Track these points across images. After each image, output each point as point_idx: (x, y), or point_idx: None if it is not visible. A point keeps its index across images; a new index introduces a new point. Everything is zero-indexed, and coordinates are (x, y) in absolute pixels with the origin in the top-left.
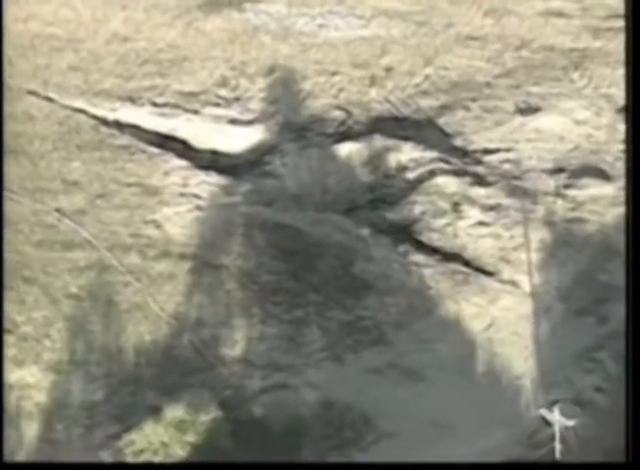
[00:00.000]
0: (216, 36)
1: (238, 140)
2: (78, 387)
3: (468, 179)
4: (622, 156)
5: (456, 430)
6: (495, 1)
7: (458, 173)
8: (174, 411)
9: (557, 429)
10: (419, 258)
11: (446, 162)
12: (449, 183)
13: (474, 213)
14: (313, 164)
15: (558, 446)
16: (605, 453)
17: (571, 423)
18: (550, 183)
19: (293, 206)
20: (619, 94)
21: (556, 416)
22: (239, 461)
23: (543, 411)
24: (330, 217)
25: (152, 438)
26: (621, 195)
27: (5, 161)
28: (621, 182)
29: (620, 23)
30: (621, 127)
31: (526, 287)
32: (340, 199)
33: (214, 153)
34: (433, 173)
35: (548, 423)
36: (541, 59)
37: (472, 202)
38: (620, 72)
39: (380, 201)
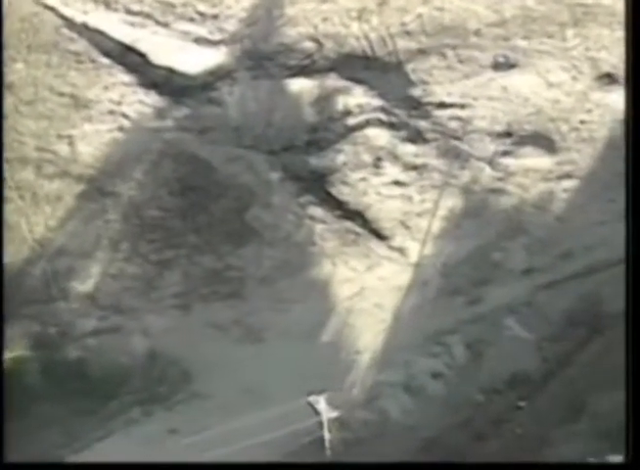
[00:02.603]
0: None
1: (197, 61)
2: None
3: (403, 134)
4: (581, 127)
5: (266, 399)
6: None
7: (394, 126)
8: None
9: (324, 418)
10: (317, 211)
11: (388, 112)
12: (380, 136)
13: (392, 171)
14: (262, 96)
15: (327, 435)
16: (420, 445)
17: (334, 414)
18: (490, 148)
19: (227, 137)
20: (608, 59)
21: (322, 405)
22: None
23: (311, 399)
24: (247, 156)
25: None
26: (558, 170)
27: None
28: (565, 156)
29: None
30: (595, 96)
31: (413, 257)
32: (280, 135)
33: (170, 71)
34: (368, 123)
35: (316, 411)
36: (543, 11)
37: (396, 158)
38: (618, 35)
39: (314, 144)
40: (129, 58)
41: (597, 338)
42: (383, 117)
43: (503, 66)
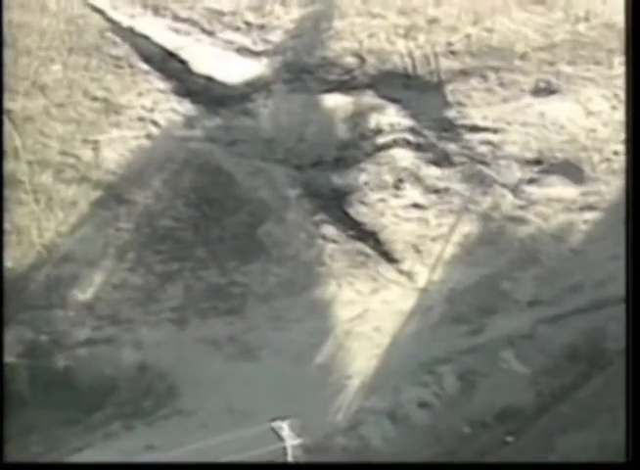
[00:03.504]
0: None
1: (237, 71)
2: None
3: (429, 156)
4: (613, 157)
5: (249, 419)
6: None
7: (421, 148)
8: None
9: (288, 445)
10: (330, 230)
11: (417, 133)
12: (405, 157)
13: (413, 194)
14: (296, 109)
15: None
16: None
17: (297, 441)
18: (516, 175)
19: (256, 150)
20: None
21: (286, 432)
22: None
23: (275, 425)
24: (269, 170)
25: None
26: (582, 200)
27: None
28: (591, 187)
29: None
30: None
31: (421, 282)
32: (310, 151)
33: (209, 79)
34: (395, 143)
35: (280, 437)
36: (594, 37)
37: (418, 181)
38: None
39: (342, 161)
40: (170, 64)
41: (597, 375)
42: (411, 137)
43: (543, 91)
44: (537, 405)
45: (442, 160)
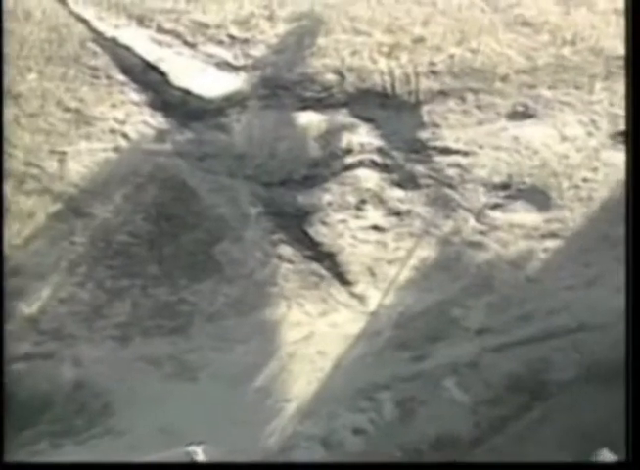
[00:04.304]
0: None
1: (214, 85)
2: None
3: (394, 177)
4: (582, 184)
5: (179, 440)
6: None
7: (387, 169)
8: None
9: None
10: (286, 250)
11: (385, 154)
12: (369, 178)
13: (374, 215)
14: (269, 126)
15: None
16: None
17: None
18: (481, 200)
19: (225, 166)
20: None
21: (200, 457)
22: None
23: (190, 449)
24: (234, 187)
25: None
26: (544, 228)
27: None
28: (555, 214)
29: None
30: (605, 154)
31: (372, 306)
32: (281, 168)
33: (187, 93)
34: (361, 163)
35: (194, 462)
36: (578, 61)
37: (381, 202)
38: None
39: (311, 180)
40: (150, 76)
41: (537, 407)
42: (378, 158)
43: (520, 115)
44: (474, 435)
45: (408, 181)
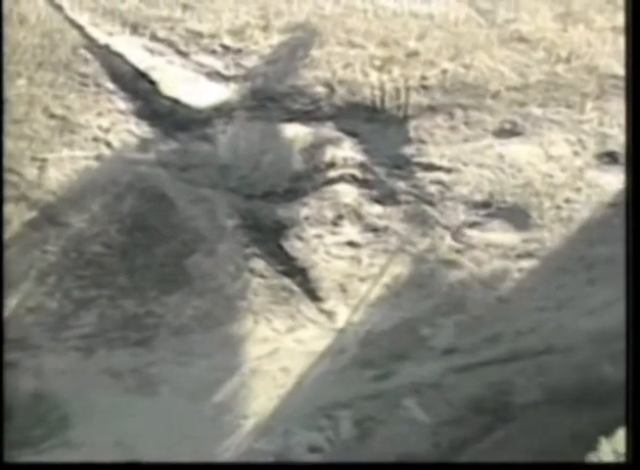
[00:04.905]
0: None
1: (205, 95)
2: None
3: (374, 193)
4: (563, 205)
5: (133, 454)
6: (577, 5)
7: (367, 184)
8: None
9: None
10: (259, 264)
11: (367, 169)
12: (349, 193)
13: (350, 231)
14: (254, 137)
15: None
16: None
17: None
18: (460, 217)
19: (207, 177)
20: (618, 136)
21: None
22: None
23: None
24: (213, 198)
25: None
26: (521, 248)
27: None
28: (534, 234)
29: None
30: (589, 174)
31: (340, 322)
32: (264, 180)
33: (175, 102)
34: (341, 178)
35: None
36: (571, 79)
37: (358, 218)
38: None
39: (293, 193)
40: (140, 85)
41: (498, 429)
42: (358, 173)
43: (507, 132)
44: (433, 456)
45: (387, 198)
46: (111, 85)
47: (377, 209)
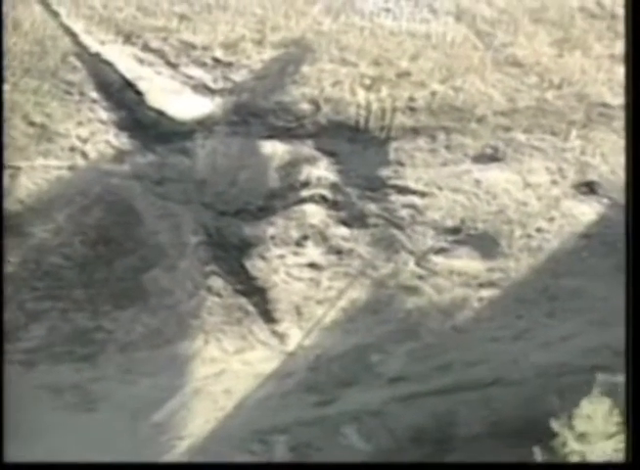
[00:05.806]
0: None
1: (189, 108)
2: None
3: (342, 215)
4: (534, 234)
5: None
6: (576, 31)
7: (336, 206)
8: None
9: None
10: (217, 283)
11: (338, 190)
12: (316, 214)
13: (313, 253)
14: (233, 153)
15: None
16: None
17: None
18: (428, 243)
19: (181, 191)
20: (598, 166)
21: None
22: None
23: None
24: (181, 214)
25: None
26: (484, 277)
27: None
28: (499, 263)
29: None
30: (565, 204)
31: (291, 346)
32: (240, 197)
33: (160, 114)
34: (311, 198)
35: None
36: (559, 106)
37: (323, 240)
38: (622, 143)
39: (265, 211)
40: (127, 95)
41: (439, 459)
42: (329, 193)
43: (486, 158)
44: None
45: (355, 220)
46: (95, 94)
47: (343, 231)
